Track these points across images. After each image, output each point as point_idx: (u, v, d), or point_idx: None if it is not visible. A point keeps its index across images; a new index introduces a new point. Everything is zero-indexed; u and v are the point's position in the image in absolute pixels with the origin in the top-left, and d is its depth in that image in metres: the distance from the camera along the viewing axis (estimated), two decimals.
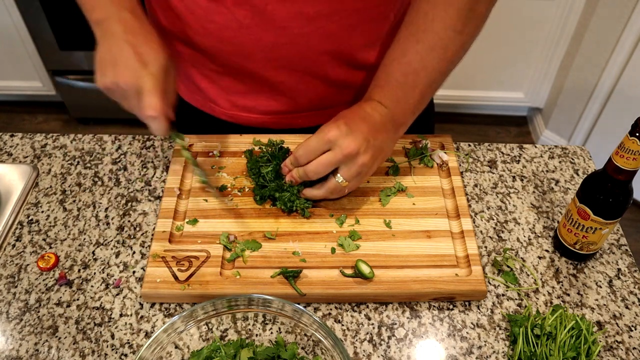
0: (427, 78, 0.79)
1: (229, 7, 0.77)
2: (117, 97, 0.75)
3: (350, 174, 0.76)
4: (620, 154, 0.68)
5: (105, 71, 0.73)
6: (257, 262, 0.77)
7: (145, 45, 0.73)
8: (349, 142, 0.73)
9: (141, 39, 0.73)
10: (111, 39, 0.73)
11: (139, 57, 0.72)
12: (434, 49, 0.77)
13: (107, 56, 0.73)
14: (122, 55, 0.72)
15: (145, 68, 0.71)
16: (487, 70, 2.28)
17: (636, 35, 1.84)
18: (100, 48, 0.74)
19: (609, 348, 0.72)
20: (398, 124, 0.80)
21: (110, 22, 0.74)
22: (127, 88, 0.72)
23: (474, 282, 0.75)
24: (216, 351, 0.67)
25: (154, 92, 0.71)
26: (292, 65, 0.85)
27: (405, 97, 0.79)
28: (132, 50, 0.72)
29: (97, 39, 0.75)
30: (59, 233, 0.84)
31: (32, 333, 0.73)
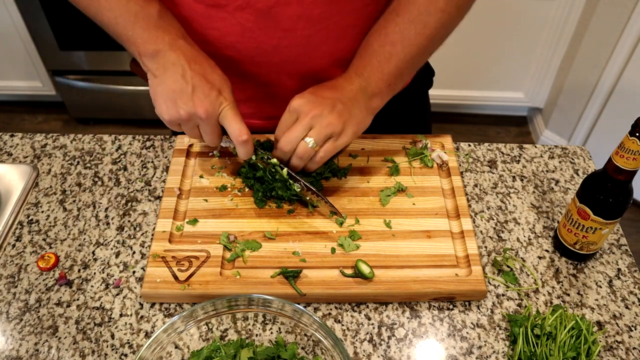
0: (404, 51, 0.78)
1: (231, 12, 0.77)
2: (187, 127, 0.76)
3: (319, 135, 0.75)
4: (620, 154, 0.68)
5: (178, 102, 0.72)
6: (257, 262, 0.77)
7: (213, 72, 0.74)
8: (312, 105, 0.74)
9: (205, 66, 0.74)
10: (175, 69, 0.72)
11: (211, 84, 0.73)
12: (413, 23, 0.77)
13: (176, 87, 0.72)
14: (194, 85, 0.72)
15: (221, 95, 0.73)
16: (487, 70, 2.28)
17: (636, 35, 1.84)
18: (164, 79, 0.73)
19: (609, 348, 0.72)
20: (371, 93, 0.79)
21: (168, 53, 0.73)
22: (207, 117, 0.73)
23: (474, 282, 0.75)
24: (216, 351, 0.67)
25: (238, 118, 0.74)
26: (294, 68, 0.85)
27: (379, 66, 0.79)
28: (203, 79, 0.72)
29: (154, 71, 0.74)
30: (59, 233, 0.84)
31: (32, 333, 0.73)
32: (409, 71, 0.82)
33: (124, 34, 0.74)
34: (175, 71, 0.73)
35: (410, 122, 1.04)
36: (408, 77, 0.83)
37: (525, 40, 2.15)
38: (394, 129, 0.96)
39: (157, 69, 0.74)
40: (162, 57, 0.73)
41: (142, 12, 0.73)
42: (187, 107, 0.72)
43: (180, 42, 0.74)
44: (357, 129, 0.78)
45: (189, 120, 0.74)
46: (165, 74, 0.73)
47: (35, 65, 2.30)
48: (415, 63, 0.82)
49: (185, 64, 0.73)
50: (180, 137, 0.95)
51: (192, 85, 0.72)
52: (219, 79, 0.75)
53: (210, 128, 0.75)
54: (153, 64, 0.74)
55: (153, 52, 0.73)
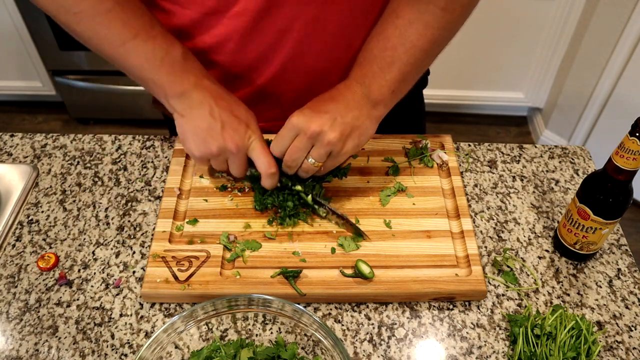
0: (406, 54, 0.76)
1: (230, 18, 0.77)
2: (216, 161, 0.78)
3: (319, 154, 0.75)
4: (620, 154, 0.68)
5: (208, 139, 0.75)
6: (257, 262, 0.77)
7: (239, 107, 0.77)
8: (311, 123, 0.73)
9: (231, 102, 0.77)
10: (202, 108, 0.75)
11: (239, 119, 0.75)
12: (413, 24, 0.75)
13: (206, 125, 0.75)
14: (223, 121, 0.74)
15: (249, 128, 0.76)
16: (487, 70, 2.28)
17: (636, 35, 1.84)
18: (192, 118, 0.75)
19: (609, 348, 0.72)
20: (374, 100, 0.77)
21: (195, 93, 0.75)
22: (237, 151, 0.75)
23: (474, 282, 0.75)
24: (216, 351, 0.67)
25: (266, 151, 0.77)
26: (293, 69, 0.84)
27: (381, 73, 0.77)
28: (230, 114, 0.75)
29: (181, 111, 0.76)
30: (59, 233, 0.84)
31: (32, 333, 0.73)
32: (413, 75, 0.80)
33: (149, 78, 0.76)
34: (202, 109, 0.75)
35: (404, 122, 1.03)
36: (412, 81, 0.80)
37: (525, 41, 2.15)
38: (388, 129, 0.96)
39: (184, 109, 0.76)
40: (188, 98, 0.75)
41: (167, 56, 0.74)
42: (218, 142, 0.75)
43: (205, 81, 0.76)
44: (358, 141, 0.77)
45: (220, 155, 0.76)
46: (192, 113, 0.75)
47: (35, 65, 2.30)
48: (420, 67, 0.80)
49: (212, 101, 0.75)
50: None
51: (220, 122, 0.74)
52: (245, 112, 0.77)
53: (239, 160, 0.77)
54: (180, 105, 0.76)
55: (179, 93, 0.75)
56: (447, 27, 0.77)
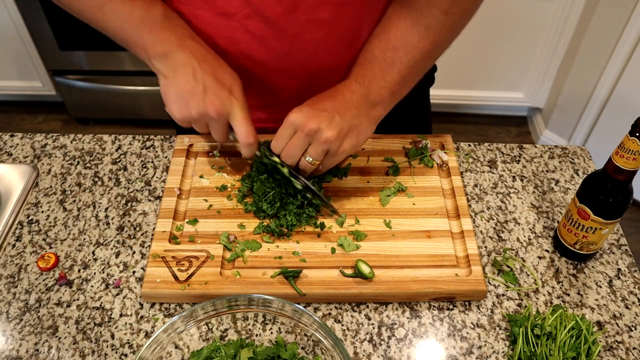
0: (407, 56, 0.76)
1: (240, 21, 0.77)
2: (198, 125, 0.77)
3: (316, 152, 0.75)
4: (620, 154, 0.68)
5: (189, 102, 0.73)
6: (257, 262, 0.77)
7: (222, 71, 0.75)
8: (308, 120, 0.73)
9: (215, 65, 0.75)
10: (185, 70, 0.73)
11: (222, 84, 0.73)
12: (415, 26, 0.75)
13: (187, 87, 0.73)
14: (205, 85, 0.73)
15: (232, 95, 0.74)
16: (487, 70, 2.28)
17: (636, 35, 1.84)
18: (175, 80, 0.74)
19: (609, 348, 0.72)
20: (373, 101, 0.77)
21: (178, 53, 0.74)
22: (217, 116, 0.74)
23: (474, 282, 0.75)
24: (216, 351, 0.67)
25: (247, 120, 0.75)
26: (305, 72, 0.84)
27: (381, 74, 0.77)
28: (214, 78, 0.73)
29: (164, 72, 0.75)
30: (59, 233, 0.84)
31: (32, 333, 0.73)
32: (413, 77, 0.80)
33: (131, 40, 0.75)
34: (185, 71, 0.73)
35: (410, 121, 1.03)
36: (412, 83, 0.80)
37: (525, 41, 2.15)
38: (394, 128, 0.96)
39: (167, 70, 0.74)
40: (171, 59, 0.74)
41: (146, 16, 0.73)
42: (199, 107, 0.73)
43: (189, 41, 0.75)
44: (356, 141, 0.77)
45: (200, 120, 0.75)
46: (175, 74, 0.74)
47: (35, 65, 2.30)
48: (420, 69, 0.79)
49: (195, 63, 0.73)
50: (180, 137, 0.95)
51: (203, 85, 0.73)
52: (230, 77, 0.75)
53: (220, 126, 0.76)
54: (163, 66, 0.75)
55: (162, 54, 0.74)
56: (448, 30, 0.76)
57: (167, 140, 0.99)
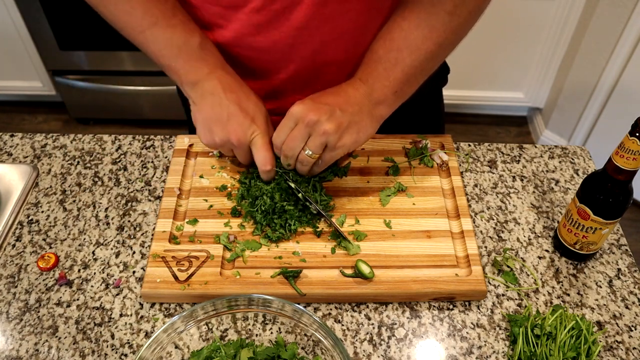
0: (411, 57, 0.77)
1: (247, 14, 0.77)
2: (223, 149, 0.82)
3: (315, 144, 0.75)
4: (620, 154, 0.68)
5: (214, 129, 0.78)
6: (257, 262, 0.77)
7: (247, 100, 0.79)
8: (309, 111, 0.74)
9: (241, 94, 0.79)
10: (212, 98, 0.78)
11: (245, 113, 0.78)
12: (420, 27, 0.75)
13: (212, 115, 0.78)
14: (229, 113, 0.77)
15: (254, 122, 0.78)
16: (487, 70, 2.28)
17: (636, 35, 1.84)
18: (202, 107, 0.79)
19: (609, 348, 0.72)
20: (376, 100, 0.78)
21: (207, 82, 0.78)
22: (238, 144, 0.78)
23: (474, 282, 0.75)
24: (216, 351, 0.67)
25: (267, 147, 0.79)
26: (310, 66, 0.84)
27: (385, 74, 0.77)
28: (237, 107, 0.77)
29: (194, 99, 0.80)
30: (59, 233, 0.84)
31: (32, 333, 0.73)
32: (418, 78, 0.80)
33: (167, 64, 0.79)
34: (212, 100, 0.78)
35: (423, 121, 1.02)
36: (417, 84, 0.81)
37: (525, 40, 2.15)
38: (406, 128, 0.96)
39: (196, 97, 0.79)
40: (200, 87, 0.79)
41: (184, 45, 0.77)
42: (222, 134, 0.78)
43: (219, 71, 0.79)
44: (356, 137, 0.77)
45: (224, 145, 0.80)
46: (203, 102, 0.78)
47: (35, 65, 2.30)
48: (424, 69, 0.80)
49: (221, 92, 0.77)
50: (180, 137, 0.95)
51: (227, 114, 0.77)
52: (253, 106, 0.79)
53: (242, 152, 0.80)
54: (193, 93, 0.80)
55: (193, 82, 0.79)
56: (453, 31, 0.77)
57: (167, 140, 0.99)
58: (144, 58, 2.16)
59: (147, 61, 2.18)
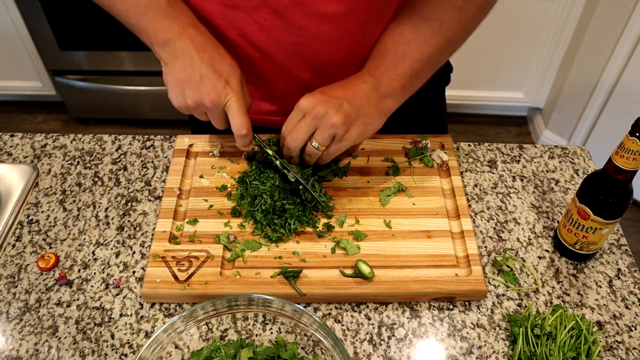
0: (420, 50, 0.77)
1: (248, 12, 0.77)
2: (195, 113, 0.79)
3: (322, 137, 0.75)
4: (620, 154, 0.68)
5: (186, 91, 0.75)
6: (257, 262, 0.77)
7: (221, 61, 0.75)
8: (317, 104, 0.74)
9: (214, 54, 0.75)
10: (184, 58, 0.74)
11: (219, 74, 0.74)
12: (428, 21, 0.76)
13: (185, 76, 0.74)
14: (202, 75, 0.74)
15: (228, 85, 0.75)
16: (487, 70, 2.28)
17: (636, 35, 1.84)
18: (174, 68, 0.75)
19: (609, 348, 0.72)
20: (384, 93, 0.78)
21: (178, 41, 0.75)
22: (212, 107, 0.75)
23: (474, 282, 0.75)
24: (216, 351, 0.67)
25: (242, 111, 0.76)
26: (312, 64, 0.84)
27: (393, 67, 0.77)
28: (210, 68, 0.74)
29: (165, 59, 0.76)
30: (59, 233, 0.84)
31: (32, 333, 0.73)
32: (425, 72, 0.80)
33: (135, 24, 0.76)
34: (184, 60, 0.74)
35: (426, 121, 1.02)
36: (424, 78, 0.81)
37: (525, 40, 2.15)
38: (409, 127, 0.96)
39: (167, 57, 0.76)
40: (171, 47, 0.75)
41: (151, 3, 0.75)
42: (195, 96, 0.75)
43: (190, 30, 0.75)
44: (364, 130, 0.77)
45: (196, 108, 0.76)
46: (175, 62, 0.75)
47: (35, 65, 2.30)
48: (432, 64, 0.80)
49: (194, 52, 0.74)
50: (180, 137, 0.95)
51: (199, 75, 0.74)
52: (227, 67, 0.76)
53: (217, 115, 0.77)
54: (164, 53, 0.76)
55: (163, 42, 0.75)
56: (462, 26, 0.77)
57: (167, 140, 0.99)
58: (144, 58, 2.17)
59: (147, 61, 2.18)
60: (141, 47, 2.08)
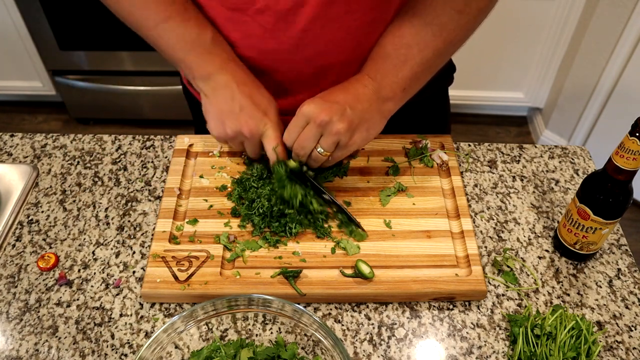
0: (420, 54, 0.77)
1: (251, 15, 0.78)
2: (233, 143, 0.83)
3: (327, 143, 0.76)
4: (620, 154, 0.68)
5: (226, 121, 0.79)
6: (257, 262, 0.77)
7: (259, 94, 0.80)
8: (320, 111, 0.74)
9: (253, 88, 0.80)
10: (225, 92, 0.79)
11: (257, 106, 0.79)
12: (429, 25, 0.76)
13: (225, 107, 0.79)
14: (241, 106, 0.78)
15: (266, 116, 0.78)
16: (487, 70, 2.28)
17: (636, 35, 1.84)
18: (215, 100, 0.80)
19: (609, 348, 0.72)
20: (384, 97, 0.78)
21: (220, 76, 0.79)
22: (250, 136, 0.79)
23: (474, 282, 0.75)
24: (216, 351, 0.67)
25: (278, 140, 0.79)
26: (315, 66, 0.85)
27: (394, 70, 0.78)
28: (249, 100, 0.78)
29: (206, 92, 0.81)
30: (59, 233, 0.84)
31: (32, 333, 0.73)
32: (426, 75, 0.81)
33: (179, 59, 0.81)
34: (225, 93, 0.79)
35: (429, 120, 1.02)
36: (424, 80, 0.82)
37: (525, 40, 2.15)
38: (412, 127, 0.96)
39: (208, 90, 0.80)
40: (213, 80, 0.79)
41: (197, 40, 0.79)
42: (234, 126, 0.79)
43: (231, 64, 0.80)
44: (367, 135, 0.78)
45: (235, 138, 0.80)
46: (216, 95, 0.80)
47: (35, 65, 2.30)
48: (432, 66, 0.81)
49: (234, 86, 0.78)
50: (180, 137, 0.95)
51: (239, 106, 0.78)
52: (265, 100, 0.80)
53: (253, 145, 0.81)
54: (205, 86, 0.80)
55: (205, 75, 0.80)
56: (462, 29, 0.77)
57: (167, 140, 0.99)
58: (144, 58, 2.17)
59: (147, 61, 2.18)
60: (141, 47, 2.09)
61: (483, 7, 0.76)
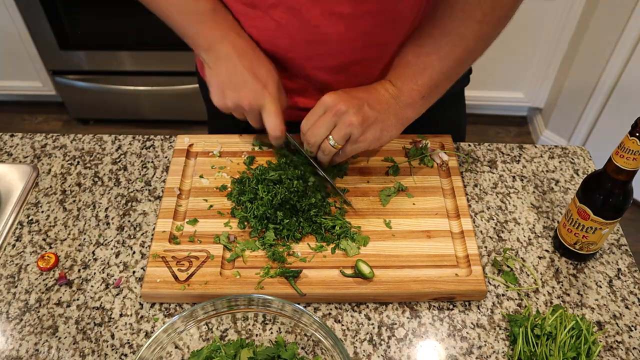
0: (440, 63, 0.79)
1: (265, 10, 0.79)
2: (234, 113, 0.84)
3: (339, 135, 0.77)
4: (620, 154, 0.68)
5: (226, 93, 0.81)
6: (257, 262, 0.77)
7: (260, 66, 0.81)
8: (339, 101, 0.76)
9: (254, 60, 0.81)
10: (227, 63, 0.80)
11: (257, 78, 0.80)
12: (449, 34, 0.77)
13: (226, 79, 0.81)
14: (242, 79, 0.79)
15: (265, 89, 0.80)
16: (487, 70, 2.28)
17: (636, 35, 1.84)
18: (217, 71, 0.82)
19: (609, 348, 0.72)
20: (404, 102, 0.80)
21: (221, 47, 0.80)
22: (249, 109, 0.81)
23: (474, 282, 0.75)
24: (216, 351, 0.67)
25: (277, 114, 0.81)
26: (328, 62, 0.85)
27: (414, 77, 0.79)
28: (249, 72, 0.79)
29: (208, 63, 0.82)
30: (59, 233, 0.84)
31: (32, 333, 0.73)
32: (445, 84, 0.82)
33: (180, 29, 0.83)
34: (227, 65, 0.80)
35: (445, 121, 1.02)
36: (444, 89, 0.83)
37: (525, 40, 2.15)
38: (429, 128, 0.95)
39: (210, 61, 0.82)
40: (214, 51, 0.81)
41: (195, 9, 0.80)
42: (234, 98, 0.80)
43: (232, 35, 0.81)
44: (379, 135, 0.79)
45: (235, 110, 0.82)
46: (218, 66, 0.81)
47: (35, 65, 2.30)
48: (452, 75, 0.82)
49: (235, 57, 0.80)
50: (180, 137, 0.95)
51: (241, 80, 0.79)
52: (265, 72, 0.81)
53: (254, 116, 0.83)
54: (208, 57, 0.82)
55: (207, 46, 0.81)
56: (482, 39, 0.79)
57: (167, 140, 0.99)
58: (144, 58, 2.17)
59: (147, 61, 2.18)
60: (141, 47, 2.09)
61: (503, 16, 0.78)
